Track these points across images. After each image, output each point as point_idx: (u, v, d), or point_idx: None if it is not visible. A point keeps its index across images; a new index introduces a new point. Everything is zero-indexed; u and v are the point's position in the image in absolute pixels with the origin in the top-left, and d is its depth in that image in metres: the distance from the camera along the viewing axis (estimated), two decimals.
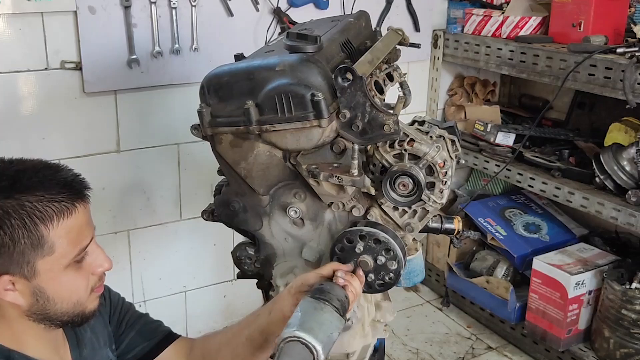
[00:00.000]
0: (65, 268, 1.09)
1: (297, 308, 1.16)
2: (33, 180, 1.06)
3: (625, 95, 2.00)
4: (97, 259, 1.14)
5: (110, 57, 2.13)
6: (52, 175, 1.09)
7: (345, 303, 1.21)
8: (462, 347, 2.68)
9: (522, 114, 2.93)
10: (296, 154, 1.38)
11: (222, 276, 2.65)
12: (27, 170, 1.08)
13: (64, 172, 1.11)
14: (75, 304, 1.13)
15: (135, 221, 2.40)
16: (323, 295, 1.19)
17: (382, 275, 1.37)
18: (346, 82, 1.27)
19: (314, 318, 1.13)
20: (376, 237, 1.34)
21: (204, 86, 1.38)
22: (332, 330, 1.14)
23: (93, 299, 1.17)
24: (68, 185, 1.09)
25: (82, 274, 1.12)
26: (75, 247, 1.09)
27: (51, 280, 1.08)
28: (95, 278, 1.16)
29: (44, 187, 1.06)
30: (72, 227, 1.08)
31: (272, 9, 2.37)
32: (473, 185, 3.06)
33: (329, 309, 1.16)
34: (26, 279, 1.07)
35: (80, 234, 1.10)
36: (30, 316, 1.12)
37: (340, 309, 1.18)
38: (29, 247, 1.05)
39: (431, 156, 1.34)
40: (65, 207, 1.07)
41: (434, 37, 2.84)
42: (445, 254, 2.93)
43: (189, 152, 2.40)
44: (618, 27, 2.32)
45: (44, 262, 1.06)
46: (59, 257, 1.07)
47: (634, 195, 2.12)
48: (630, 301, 2.22)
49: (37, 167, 1.09)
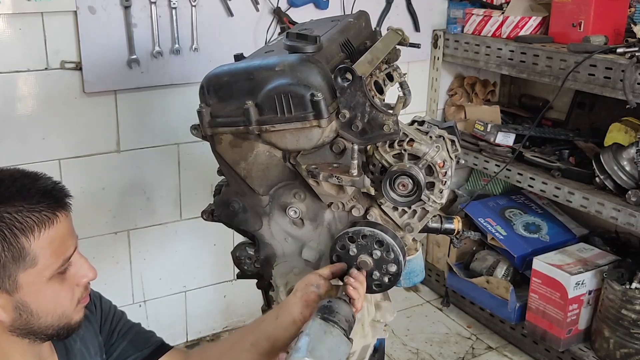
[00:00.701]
0: (49, 280, 1.05)
1: (306, 329, 1.14)
2: (11, 190, 1.02)
3: (625, 95, 2.00)
4: (81, 269, 1.10)
5: (110, 57, 2.14)
6: (31, 184, 1.05)
7: (352, 323, 1.20)
8: (462, 347, 2.68)
9: (522, 114, 2.93)
10: (296, 154, 1.38)
11: (222, 276, 2.65)
12: (4, 179, 1.03)
13: (43, 181, 1.07)
14: (60, 316, 1.09)
15: (135, 221, 2.40)
16: (332, 316, 1.16)
17: (382, 276, 1.37)
18: (346, 82, 1.27)
19: (324, 344, 1.11)
20: (376, 238, 1.34)
21: (204, 86, 1.38)
22: (341, 356, 1.13)
23: (79, 310, 1.13)
24: (48, 194, 1.05)
25: (67, 285, 1.08)
26: (58, 258, 1.05)
27: (34, 293, 1.04)
28: (80, 289, 1.11)
29: (22, 197, 1.02)
30: (55, 238, 1.04)
31: (272, 9, 2.37)
32: (473, 185, 3.06)
33: (338, 333, 1.14)
34: (8, 293, 1.03)
35: (62, 244, 1.06)
36: (14, 331, 1.07)
37: (347, 331, 1.17)
38: (10, 260, 1.01)
39: (431, 156, 1.34)
40: (46, 216, 1.03)
41: (434, 37, 2.84)
42: (445, 254, 2.93)
43: (189, 152, 2.40)
44: (618, 27, 2.32)
45: (26, 275, 1.02)
46: (41, 269, 1.03)
47: (634, 195, 2.12)
48: (630, 301, 2.22)
49: (14, 176, 1.05)
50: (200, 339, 2.69)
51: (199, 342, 2.66)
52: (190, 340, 2.67)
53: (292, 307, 1.26)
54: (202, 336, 2.69)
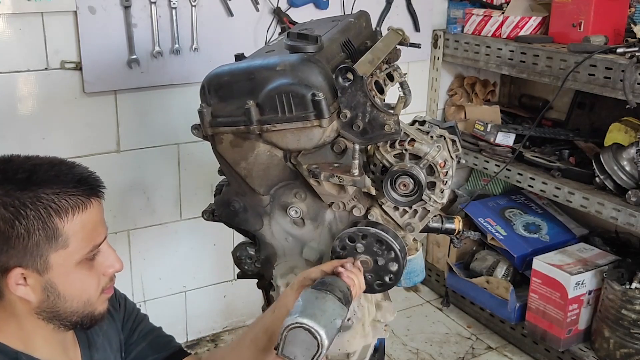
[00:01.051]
0: (77, 264, 1.09)
1: (299, 299, 1.16)
2: (49, 174, 1.07)
3: (625, 95, 2.01)
4: (109, 258, 1.15)
5: (110, 57, 2.13)
6: (68, 170, 1.10)
7: (347, 294, 1.20)
8: (462, 347, 2.68)
9: (522, 114, 2.93)
10: (297, 154, 1.37)
11: (222, 276, 2.65)
12: (43, 164, 1.09)
13: (80, 169, 1.12)
14: (85, 303, 1.13)
15: (135, 221, 2.40)
16: (325, 286, 1.18)
17: (382, 275, 1.37)
18: (347, 82, 1.27)
19: (316, 305, 1.13)
20: (377, 237, 1.34)
21: (205, 86, 1.38)
22: (335, 317, 1.13)
23: (103, 300, 1.17)
24: (84, 180, 1.10)
25: (94, 272, 1.13)
26: (88, 243, 1.10)
27: (63, 275, 1.08)
28: (106, 279, 1.16)
29: (60, 181, 1.07)
30: (87, 222, 1.09)
31: (272, 9, 2.37)
32: (473, 185, 3.06)
33: (331, 298, 1.16)
34: (38, 272, 1.07)
35: (94, 231, 1.11)
36: (40, 314, 1.11)
37: (342, 299, 1.17)
38: (44, 239, 1.05)
39: (432, 156, 1.34)
40: (80, 201, 1.08)
41: (434, 37, 2.84)
42: (445, 254, 2.93)
43: (189, 152, 2.40)
44: (618, 27, 2.33)
45: (57, 256, 1.07)
46: (72, 252, 1.08)
47: (634, 195, 2.12)
48: (630, 301, 2.22)
49: (53, 162, 1.10)
50: (200, 339, 2.69)
51: (198, 342, 2.67)
52: (190, 340, 2.67)
53: (289, 297, 1.27)
54: (202, 336, 2.69)
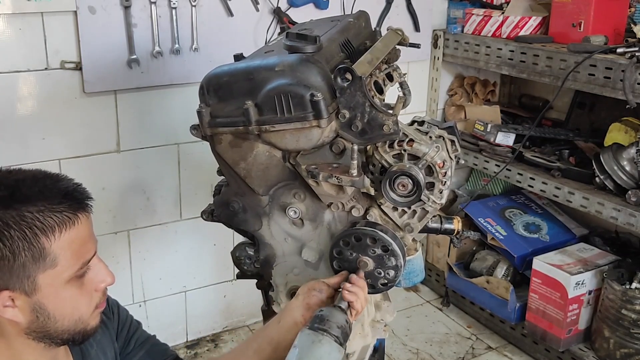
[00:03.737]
0: (67, 283, 1.04)
1: (295, 342, 1.14)
2: (33, 190, 1.01)
3: (625, 95, 2.00)
4: (99, 274, 1.10)
5: (110, 57, 2.14)
6: (53, 184, 1.04)
7: (346, 328, 1.18)
8: (462, 347, 2.68)
9: (522, 114, 2.93)
10: (295, 154, 1.38)
11: (222, 276, 2.65)
12: (26, 179, 1.03)
13: (65, 182, 1.06)
14: (77, 321, 1.08)
15: (135, 221, 2.40)
16: (322, 324, 1.15)
17: (381, 276, 1.37)
18: (346, 82, 1.27)
19: (312, 353, 1.11)
20: (376, 238, 1.34)
21: (204, 86, 1.38)
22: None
23: (95, 315, 1.12)
24: (69, 195, 1.04)
25: (84, 290, 1.08)
26: (77, 260, 1.05)
27: (52, 295, 1.03)
28: (98, 294, 1.11)
29: (44, 197, 1.01)
30: (75, 239, 1.03)
31: (272, 9, 2.37)
32: (473, 185, 3.06)
33: (328, 340, 1.13)
34: (26, 294, 1.02)
35: (82, 247, 1.06)
36: (30, 334, 1.07)
37: (340, 337, 1.15)
38: (30, 260, 1.00)
39: (430, 156, 1.34)
40: (67, 217, 1.02)
41: (434, 37, 2.84)
42: (445, 254, 2.93)
43: (189, 152, 2.40)
44: (618, 27, 2.32)
45: (45, 276, 1.02)
46: (60, 271, 1.03)
47: (634, 195, 2.12)
48: (630, 301, 2.21)
49: (37, 177, 1.04)
50: (200, 339, 2.69)
51: (198, 342, 2.67)
52: (190, 340, 2.67)
53: (294, 310, 1.27)
54: (202, 336, 2.69)
